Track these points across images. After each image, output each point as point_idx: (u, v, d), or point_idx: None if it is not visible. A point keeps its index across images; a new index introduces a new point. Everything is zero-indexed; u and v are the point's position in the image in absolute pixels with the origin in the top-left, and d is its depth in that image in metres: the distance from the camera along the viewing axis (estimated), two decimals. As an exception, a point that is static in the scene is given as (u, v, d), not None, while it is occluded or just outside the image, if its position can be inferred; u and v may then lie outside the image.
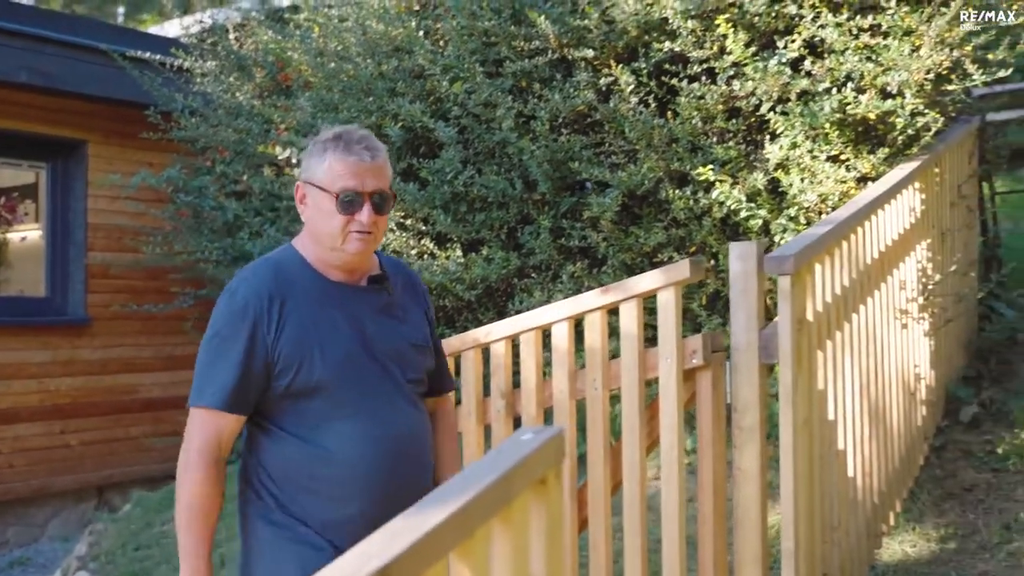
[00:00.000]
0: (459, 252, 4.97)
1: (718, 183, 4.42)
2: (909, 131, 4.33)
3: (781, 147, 4.37)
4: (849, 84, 4.27)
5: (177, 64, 6.69)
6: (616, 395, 3.15)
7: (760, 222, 4.45)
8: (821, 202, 4.36)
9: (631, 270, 4.69)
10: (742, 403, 2.88)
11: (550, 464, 1.57)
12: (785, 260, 2.83)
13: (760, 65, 4.33)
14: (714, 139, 4.65)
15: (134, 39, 7.71)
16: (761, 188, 4.46)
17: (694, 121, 4.54)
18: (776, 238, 4.42)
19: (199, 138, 6.49)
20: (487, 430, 3.57)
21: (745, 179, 4.47)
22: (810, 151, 4.34)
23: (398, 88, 5.20)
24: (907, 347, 4.19)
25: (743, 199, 4.41)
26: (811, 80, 4.35)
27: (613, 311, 3.16)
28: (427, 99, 5.24)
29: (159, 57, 6.84)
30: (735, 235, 4.63)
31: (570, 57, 4.79)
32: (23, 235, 7.47)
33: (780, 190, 4.50)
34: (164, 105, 6.73)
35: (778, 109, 4.41)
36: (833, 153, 4.36)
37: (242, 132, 6.20)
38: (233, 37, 6.95)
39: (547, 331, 3.31)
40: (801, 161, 4.35)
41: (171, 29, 9.74)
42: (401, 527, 1.23)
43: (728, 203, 4.42)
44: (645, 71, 4.65)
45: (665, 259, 4.63)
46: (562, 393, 3.19)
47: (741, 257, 2.89)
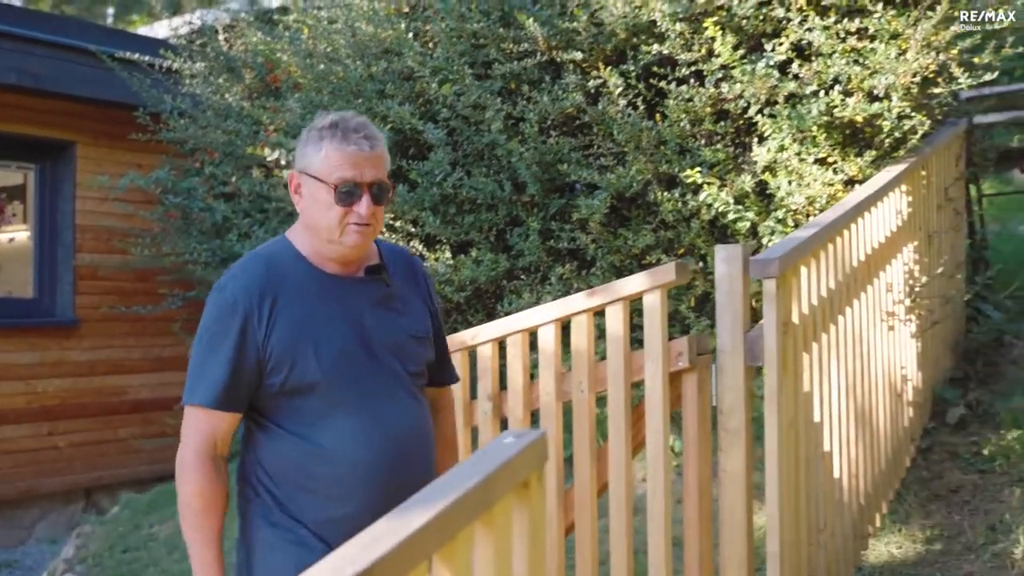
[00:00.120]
0: (448, 254, 4.98)
1: (706, 185, 4.43)
2: (896, 134, 4.35)
3: (769, 150, 4.39)
4: (836, 87, 4.29)
5: (166, 65, 6.68)
6: (603, 397, 3.15)
7: (748, 224, 4.46)
8: (809, 204, 4.38)
9: (620, 272, 4.70)
10: (728, 405, 2.89)
11: (533, 467, 1.58)
12: (770, 263, 2.84)
13: (748, 68, 4.35)
14: (702, 141, 4.66)
15: (123, 40, 7.70)
16: (749, 190, 4.47)
17: (682, 123, 4.55)
18: (764, 240, 4.43)
19: (188, 139, 6.49)
20: (474, 432, 3.57)
21: (733, 181, 4.49)
22: (798, 154, 4.36)
23: (387, 90, 5.20)
24: (894, 349, 4.21)
25: (731, 201, 4.42)
26: (799, 83, 4.37)
27: (600, 313, 3.17)
28: (416, 101, 5.24)
29: (148, 58, 6.83)
30: (723, 237, 4.64)
31: (559, 59, 4.79)
32: (11, 236, 7.45)
33: (768, 192, 4.51)
34: (153, 106, 6.73)
35: (766, 112, 4.43)
36: (820, 156, 4.38)
37: (231, 133, 6.19)
38: (222, 38, 6.94)
39: (534, 333, 3.32)
40: (789, 164, 4.37)
41: (160, 30, 9.72)
42: (382, 531, 1.23)
43: (716, 205, 4.43)
44: (633, 73, 4.67)
45: (654, 261, 4.64)
46: (549, 395, 3.19)
47: (726, 260, 2.90)
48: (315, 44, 5.80)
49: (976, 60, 4.37)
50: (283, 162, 5.63)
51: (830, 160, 4.38)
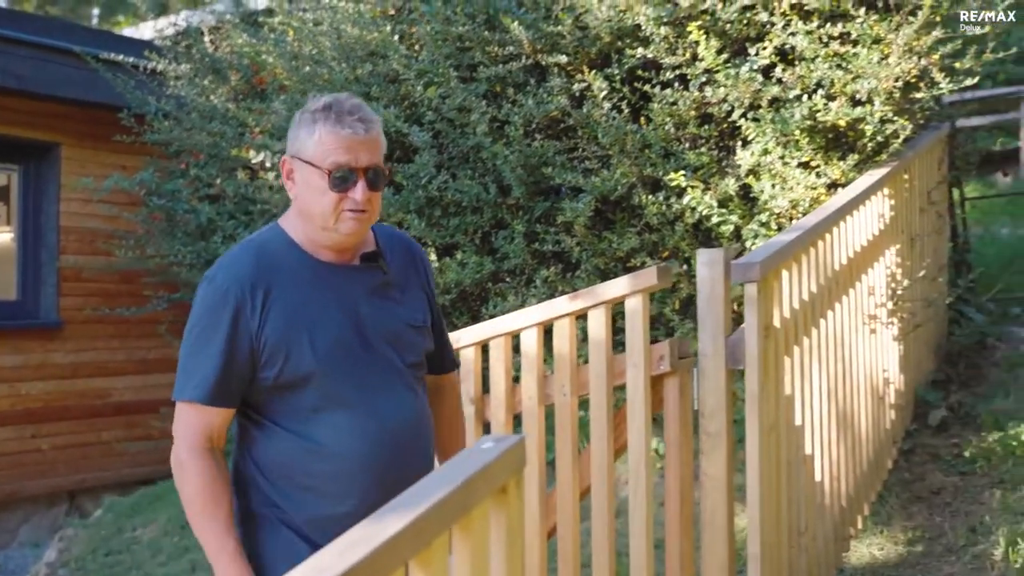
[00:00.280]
0: (433, 256, 4.98)
1: (690, 189, 4.45)
2: (878, 138, 4.37)
3: (752, 153, 4.41)
4: (819, 91, 4.31)
5: (151, 67, 6.66)
6: (586, 401, 3.16)
7: (732, 227, 4.48)
8: (792, 208, 4.40)
9: (604, 275, 4.71)
10: (709, 409, 2.91)
11: (511, 473, 1.58)
12: (751, 267, 2.85)
13: (732, 72, 4.36)
14: (686, 145, 4.67)
15: (107, 41, 7.67)
16: (733, 194, 4.49)
17: (667, 127, 4.57)
18: (748, 243, 4.45)
19: (173, 141, 6.47)
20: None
21: (717, 185, 4.50)
22: (781, 157, 4.38)
23: (372, 92, 5.20)
24: (876, 352, 4.23)
25: (715, 205, 4.44)
26: (782, 87, 4.39)
27: (582, 317, 3.17)
28: (402, 104, 5.24)
29: (132, 60, 6.81)
30: (707, 240, 4.66)
31: (544, 63, 4.80)
32: (-6, 238, 7.42)
33: (751, 196, 4.53)
34: (137, 108, 6.70)
35: (749, 115, 4.44)
36: (804, 159, 4.40)
37: (216, 135, 6.18)
38: (208, 40, 6.92)
39: (517, 337, 3.32)
40: (772, 167, 4.39)
41: (146, 31, 9.70)
42: (357, 537, 1.23)
43: (700, 209, 4.45)
44: (618, 77, 4.68)
45: (638, 264, 4.65)
46: (531, 399, 3.20)
47: (708, 264, 2.91)
48: (300, 46, 5.80)
49: (957, 65, 4.39)
50: (268, 164, 5.62)
51: (813, 164, 4.40)
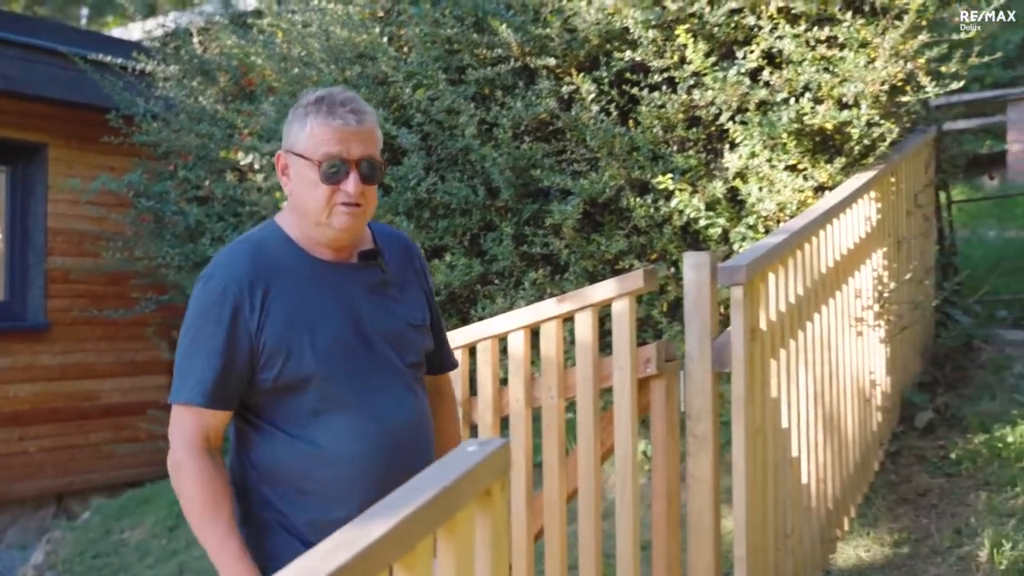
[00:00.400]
0: (421, 259, 4.97)
1: (678, 191, 4.46)
2: (865, 141, 4.39)
3: (740, 156, 4.42)
4: (806, 94, 4.33)
5: (139, 68, 6.65)
6: (574, 403, 3.17)
7: (719, 230, 4.49)
8: (779, 211, 4.41)
9: (593, 277, 4.71)
10: (695, 411, 2.92)
11: (496, 476, 1.58)
12: (737, 270, 2.86)
13: (719, 75, 4.38)
14: (674, 148, 4.69)
15: (96, 42, 7.67)
16: (720, 197, 4.50)
17: (655, 130, 4.58)
18: (735, 246, 4.46)
19: (161, 143, 6.46)
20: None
21: (705, 188, 4.51)
22: (768, 160, 4.40)
23: (361, 94, 5.18)
24: (863, 354, 4.25)
25: (702, 208, 4.45)
26: (769, 90, 4.40)
27: (570, 320, 3.18)
28: (390, 106, 5.24)
29: (121, 61, 6.80)
30: (695, 243, 4.67)
31: (532, 65, 4.81)
32: (-18, 239, 7.39)
33: (739, 199, 4.55)
34: (126, 109, 6.69)
35: (737, 119, 4.46)
36: (791, 162, 4.41)
37: (204, 137, 6.17)
38: (196, 41, 6.91)
39: (504, 339, 3.33)
40: (760, 170, 4.40)
41: (134, 32, 9.68)
42: (341, 541, 1.23)
43: (688, 212, 4.46)
44: (606, 80, 4.69)
45: (626, 266, 4.66)
46: (518, 402, 3.21)
47: (695, 267, 2.92)
48: (289, 48, 5.79)
49: (943, 69, 4.42)
50: (256, 166, 5.62)
51: (800, 167, 4.42)
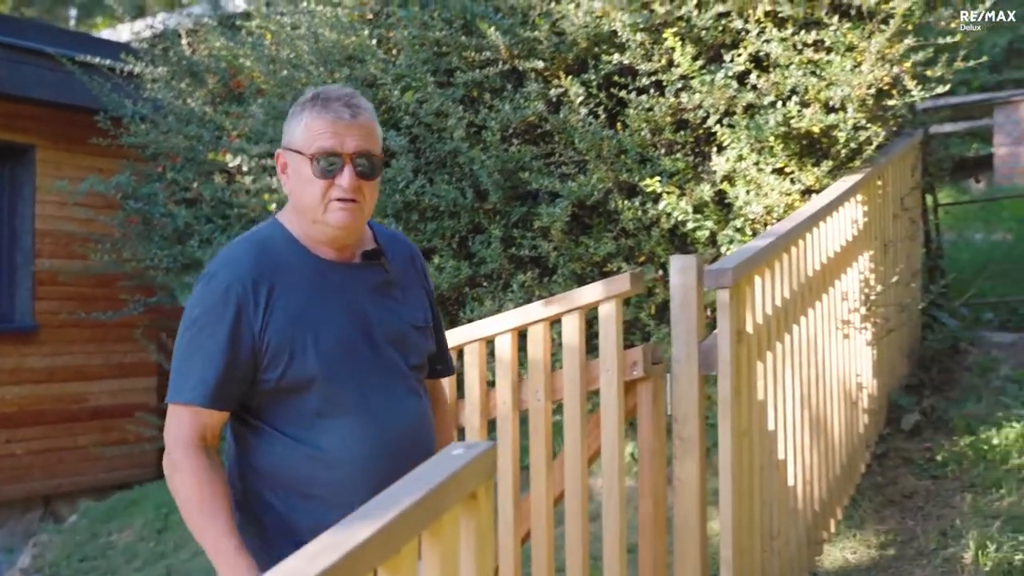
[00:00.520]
0: (410, 261, 4.98)
1: (666, 194, 4.47)
2: (852, 144, 4.41)
3: (728, 159, 4.44)
4: (793, 98, 4.35)
5: (127, 69, 6.64)
6: (560, 406, 3.18)
7: (707, 233, 4.51)
8: (767, 214, 4.43)
9: (581, 279, 4.73)
10: (682, 414, 2.93)
11: (481, 479, 1.59)
12: (723, 274, 2.87)
13: (707, 78, 4.39)
14: (662, 151, 4.70)
15: (84, 43, 7.64)
16: (708, 200, 4.52)
17: (643, 133, 4.59)
18: (723, 249, 4.48)
19: (149, 144, 6.45)
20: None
21: (692, 191, 4.53)
22: (756, 163, 4.41)
23: (350, 97, 5.19)
24: (849, 357, 4.27)
25: (690, 210, 4.46)
26: (757, 94, 4.42)
27: (557, 322, 3.19)
28: (379, 108, 5.24)
29: (109, 62, 6.78)
30: (683, 245, 4.68)
31: (520, 68, 4.82)
32: (-31, 241, 7.36)
33: (727, 202, 4.56)
34: (114, 111, 6.68)
35: (725, 122, 4.47)
36: (778, 166, 4.43)
37: (193, 139, 6.16)
38: (185, 43, 6.90)
39: (491, 342, 3.33)
40: (747, 173, 4.42)
41: (123, 34, 9.65)
42: (326, 543, 1.24)
43: (676, 214, 4.47)
44: (594, 83, 4.70)
45: (615, 269, 4.67)
46: (506, 404, 3.21)
47: (681, 271, 2.93)
48: (278, 50, 5.79)
49: (929, 73, 4.44)
50: (245, 168, 5.61)
51: (788, 170, 4.44)
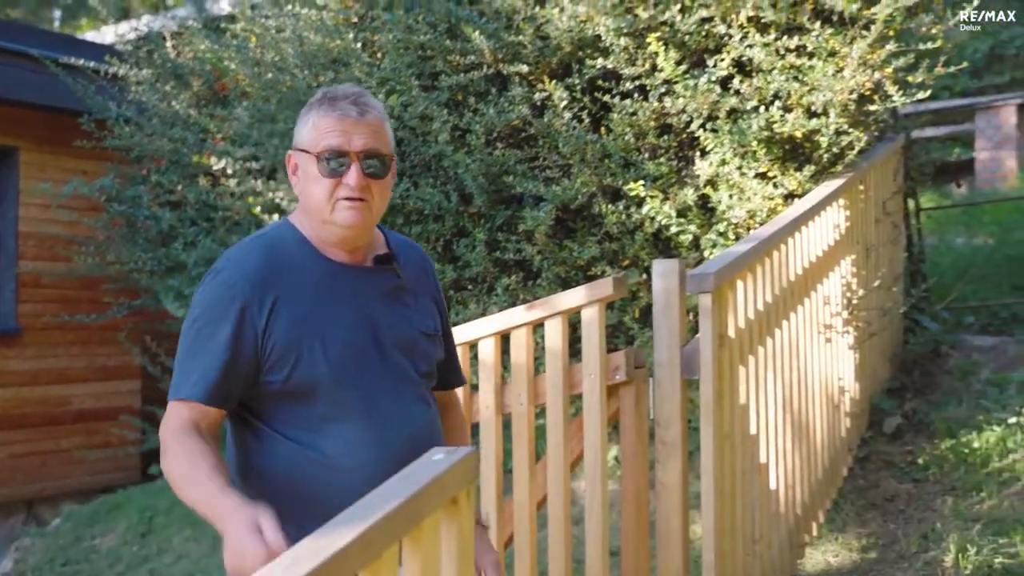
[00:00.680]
0: (395, 265, 4.98)
1: (649, 198, 4.49)
2: (834, 149, 4.44)
3: (711, 164, 4.46)
4: (776, 103, 4.38)
5: (112, 72, 6.61)
6: (543, 410, 3.19)
7: (690, 237, 4.53)
8: (749, 218, 4.46)
9: (566, 283, 4.74)
10: (664, 418, 2.94)
11: (463, 484, 1.59)
12: (706, 278, 2.89)
13: (690, 83, 4.42)
14: (646, 155, 4.72)
15: (68, 45, 7.62)
16: (691, 204, 4.54)
17: (627, 137, 4.61)
18: (706, 253, 4.50)
19: (133, 147, 6.43)
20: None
21: (676, 195, 4.55)
22: (739, 168, 4.44)
23: (334, 100, 5.19)
24: (831, 361, 4.29)
25: (673, 215, 4.49)
26: (740, 98, 4.45)
27: (540, 326, 3.20)
28: (363, 111, 5.24)
29: (93, 64, 6.76)
30: (667, 249, 4.70)
31: (505, 72, 4.83)
32: (-49, 243, 7.32)
33: (710, 206, 4.59)
34: (98, 113, 6.65)
35: (708, 126, 4.50)
36: (761, 170, 4.46)
37: (177, 141, 6.15)
38: (170, 45, 6.88)
39: (474, 346, 3.34)
40: (730, 178, 4.45)
41: (108, 36, 9.62)
42: (305, 551, 1.24)
43: (659, 218, 4.49)
44: (579, 87, 4.72)
45: (599, 272, 4.69)
46: (488, 408, 3.22)
47: (663, 275, 2.95)
48: (263, 53, 5.78)
49: (910, 79, 4.48)
50: (229, 171, 5.60)
51: (770, 174, 4.47)
